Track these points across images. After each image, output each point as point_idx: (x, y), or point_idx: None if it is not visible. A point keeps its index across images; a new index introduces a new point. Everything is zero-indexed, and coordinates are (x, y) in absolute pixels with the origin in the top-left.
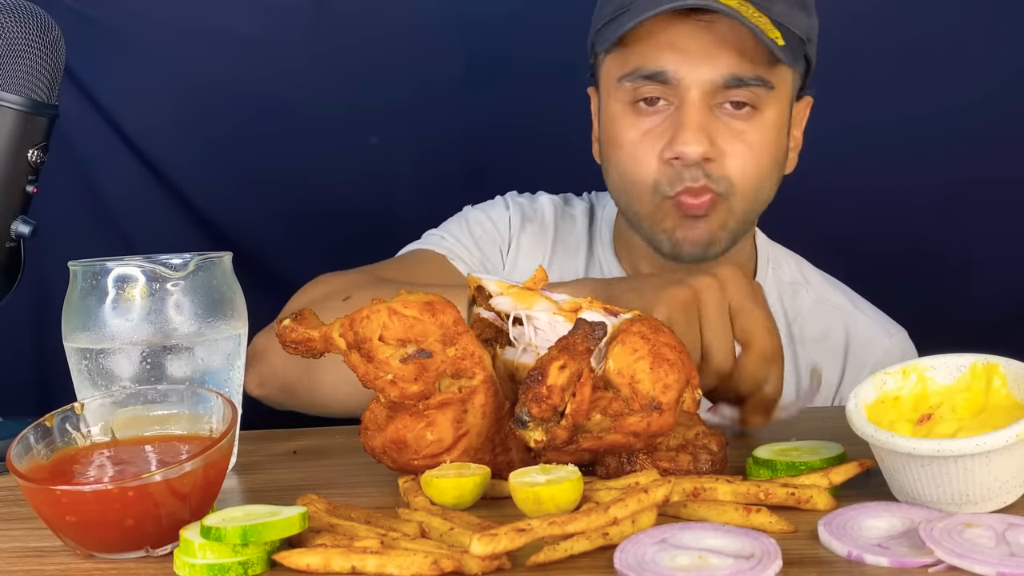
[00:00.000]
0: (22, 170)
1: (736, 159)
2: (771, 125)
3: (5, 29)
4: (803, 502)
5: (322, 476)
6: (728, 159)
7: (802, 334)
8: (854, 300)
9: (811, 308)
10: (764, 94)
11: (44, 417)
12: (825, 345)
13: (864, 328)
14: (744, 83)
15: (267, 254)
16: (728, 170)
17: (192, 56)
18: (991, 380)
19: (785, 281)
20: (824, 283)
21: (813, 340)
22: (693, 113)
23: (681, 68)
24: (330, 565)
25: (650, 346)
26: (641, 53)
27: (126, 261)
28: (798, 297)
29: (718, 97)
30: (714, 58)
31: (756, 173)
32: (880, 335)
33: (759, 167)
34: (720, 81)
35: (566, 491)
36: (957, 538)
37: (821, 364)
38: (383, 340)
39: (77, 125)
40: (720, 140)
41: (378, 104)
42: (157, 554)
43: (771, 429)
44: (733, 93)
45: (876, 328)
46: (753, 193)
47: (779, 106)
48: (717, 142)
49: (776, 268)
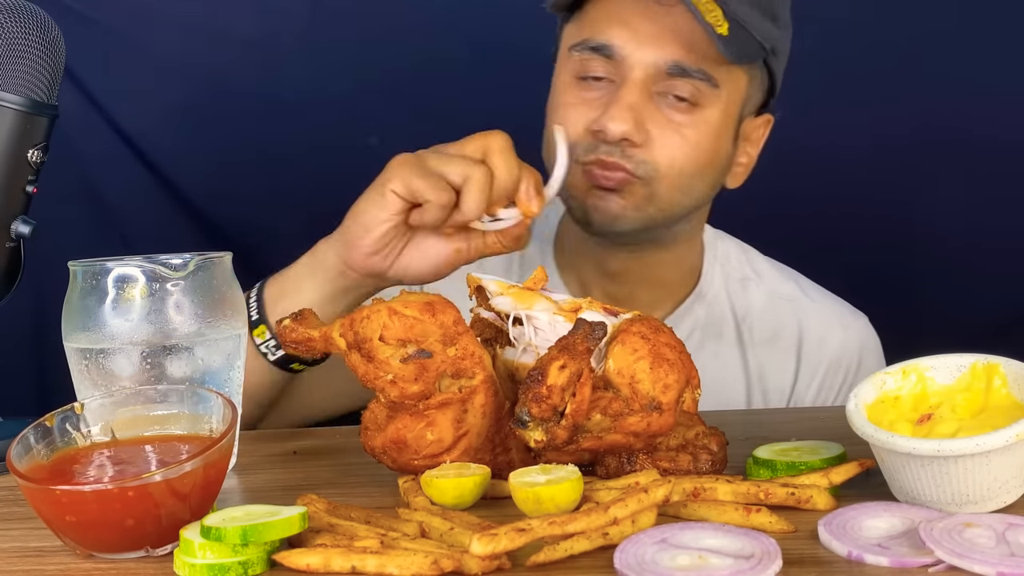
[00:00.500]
0: (22, 170)
1: (666, 148)
2: (711, 124)
3: (5, 29)
4: (803, 502)
5: (322, 476)
6: (657, 147)
7: (751, 335)
8: (807, 290)
9: (762, 305)
10: (708, 91)
11: (44, 417)
12: (777, 345)
13: (817, 322)
14: (687, 73)
15: (267, 254)
16: (656, 157)
17: (192, 56)
18: (991, 380)
19: (734, 277)
20: (775, 274)
21: (764, 341)
22: (628, 92)
23: (627, 45)
24: (330, 565)
25: (650, 346)
26: (592, 25)
27: (126, 261)
28: (748, 293)
29: (660, 84)
30: (661, 42)
31: (685, 167)
32: (834, 328)
33: (689, 162)
34: (663, 66)
35: (566, 491)
36: (957, 538)
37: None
38: (383, 340)
39: (77, 125)
40: (653, 127)
41: (378, 104)
42: (157, 554)
43: (771, 430)
44: (676, 83)
45: (831, 319)
46: (680, 187)
47: (723, 108)
48: (649, 128)
49: (724, 263)
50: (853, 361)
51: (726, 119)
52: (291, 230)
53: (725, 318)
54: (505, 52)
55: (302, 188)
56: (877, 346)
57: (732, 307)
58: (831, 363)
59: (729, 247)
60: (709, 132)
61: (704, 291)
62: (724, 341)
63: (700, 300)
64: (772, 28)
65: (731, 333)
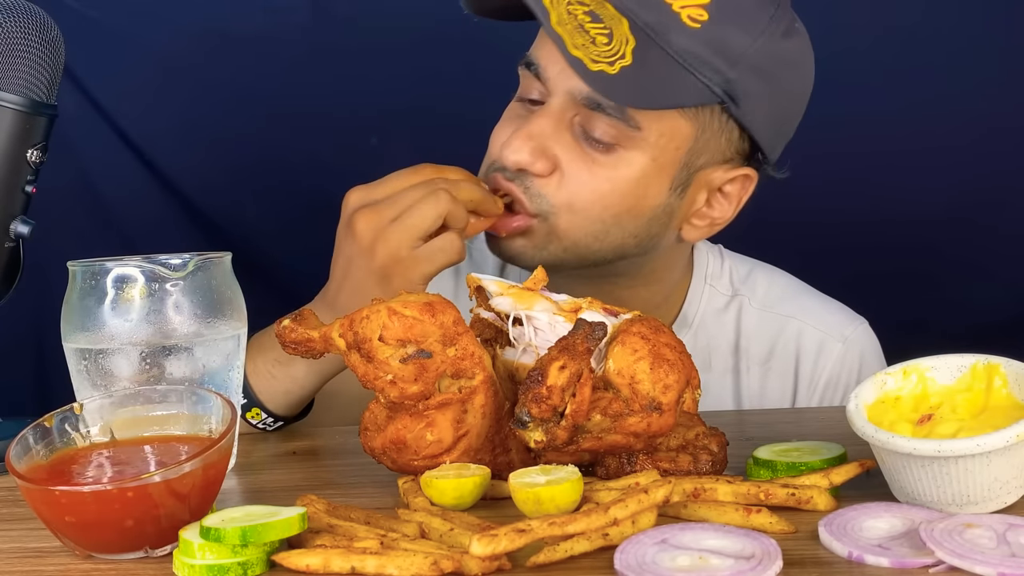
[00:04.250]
0: (22, 170)
1: (571, 183)
2: (633, 168)
3: (5, 29)
4: (803, 503)
5: (322, 476)
6: (565, 182)
7: (748, 358)
8: (802, 302)
9: (756, 323)
10: (629, 133)
11: (43, 417)
12: (771, 366)
13: (814, 338)
14: (601, 108)
15: (267, 254)
16: (554, 191)
17: (192, 56)
18: (992, 380)
19: (725, 296)
20: (767, 288)
21: (759, 361)
22: (537, 120)
23: (550, 67)
24: (330, 566)
25: (650, 346)
26: (536, 41)
27: (125, 261)
28: (742, 313)
29: (581, 116)
30: None
31: (593, 209)
32: (833, 342)
33: (600, 204)
34: (579, 97)
35: (566, 492)
36: (958, 538)
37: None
38: (383, 340)
39: (77, 125)
40: (564, 157)
41: (378, 104)
42: (156, 555)
43: (771, 431)
44: (594, 119)
45: (830, 332)
46: (588, 230)
47: (654, 155)
48: (559, 158)
49: (714, 283)
50: (853, 376)
51: (655, 166)
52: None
53: (714, 345)
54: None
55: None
56: (877, 352)
57: (724, 331)
58: (829, 380)
59: (718, 264)
60: (628, 176)
61: (689, 318)
62: (713, 371)
63: (684, 328)
64: (727, 70)
65: (721, 361)
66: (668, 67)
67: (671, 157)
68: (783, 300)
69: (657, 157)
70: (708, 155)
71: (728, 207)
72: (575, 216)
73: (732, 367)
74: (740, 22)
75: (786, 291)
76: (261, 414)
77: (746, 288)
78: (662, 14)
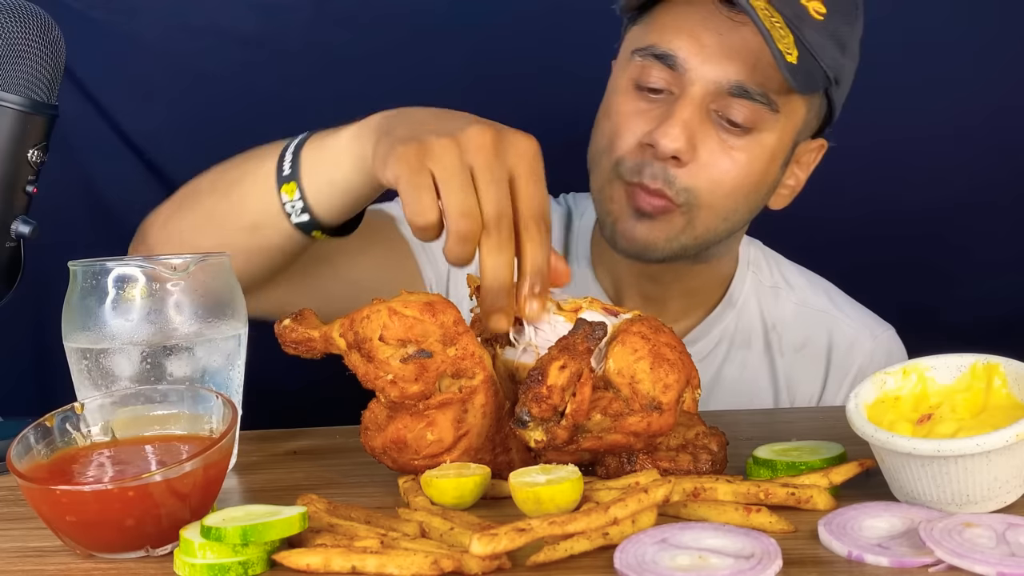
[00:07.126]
0: (22, 170)
1: (712, 172)
2: (766, 150)
3: (5, 29)
4: (803, 502)
5: (322, 476)
6: (704, 170)
7: (780, 343)
8: (836, 301)
9: (792, 314)
10: (767, 116)
11: (44, 417)
12: (805, 353)
13: (847, 332)
14: (749, 95)
15: None
16: (699, 181)
17: (192, 56)
18: (991, 380)
19: (765, 285)
20: (805, 284)
21: (793, 349)
22: (685, 108)
23: (692, 59)
24: (330, 565)
25: (650, 346)
26: (660, 31)
27: (126, 261)
28: (779, 301)
29: (718, 103)
30: (727, 60)
31: (731, 194)
32: (863, 338)
33: (737, 188)
34: (725, 85)
35: (566, 491)
36: (957, 538)
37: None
38: (383, 340)
39: (77, 125)
40: (704, 149)
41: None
42: (157, 554)
43: (771, 430)
44: (734, 104)
45: (860, 329)
46: (723, 213)
47: (781, 135)
48: (700, 150)
49: (756, 271)
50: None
51: (780, 145)
52: None
53: (754, 326)
54: (507, 53)
55: None
56: (903, 356)
57: (762, 314)
58: (860, 369)
59: (760, 254)
60: (762, 157)
61: (734, 298)
62: (752, 349)
63: (730, 307)
64: (839, 56)
65: (759, 341)
66: (807, 55)
67: (791, 135)
68: (818, 299)
69: (783, 136)
70: (807, 130)
71: (803, 175)
72: (714, 204)
73: (766, 348)
74: (844, 11)
75: (820, 291)
76: (295, 192)
77: (783, 280)
78: (796, 8)
